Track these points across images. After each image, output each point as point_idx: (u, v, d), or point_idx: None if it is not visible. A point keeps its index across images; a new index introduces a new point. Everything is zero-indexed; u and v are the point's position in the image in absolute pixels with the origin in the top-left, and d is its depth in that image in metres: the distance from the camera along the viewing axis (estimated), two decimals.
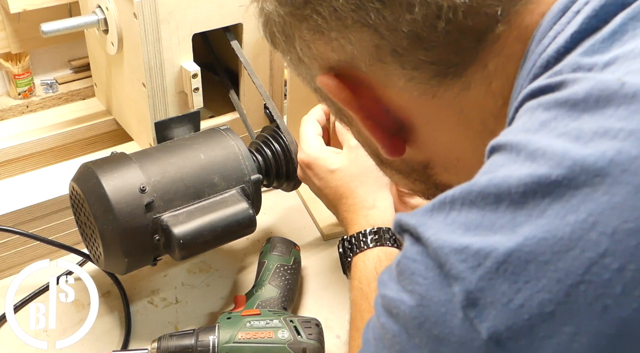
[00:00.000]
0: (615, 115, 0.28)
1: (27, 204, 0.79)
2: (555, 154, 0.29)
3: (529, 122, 0.32)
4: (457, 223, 0.31)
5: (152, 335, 0.73)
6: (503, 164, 0.31)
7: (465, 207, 0.31)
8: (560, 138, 0.29)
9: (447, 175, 0.44)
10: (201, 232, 0.68)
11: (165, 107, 0.86)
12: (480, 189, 0.31)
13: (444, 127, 0.41)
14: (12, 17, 0.96)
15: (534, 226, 0.29)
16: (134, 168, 0.68)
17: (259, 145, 0.80)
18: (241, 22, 0.87)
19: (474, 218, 0.31)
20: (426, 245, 0.32)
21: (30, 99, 1.03)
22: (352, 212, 0.68)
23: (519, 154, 0.31)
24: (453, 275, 0.30)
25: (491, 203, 0.30)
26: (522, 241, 0.29)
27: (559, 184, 0.28)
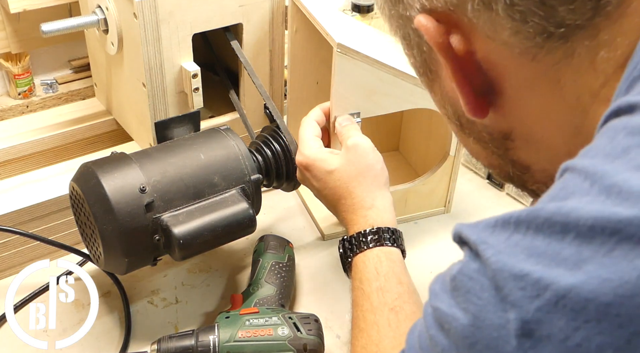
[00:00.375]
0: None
1: (27, 204, 0.79)
2: (630, 193, 0.28)
3: (610, 145, 0.31)
4: (520, 247, 0.31)
5: (152, 335, 0.73)
6: (574, 193, 0.30)
7: (531, 232, 0.31)
8: (638, 171, 0.29)
9: (526, 151, 0.43)
10: (201, 232, 0.68)
11: (165, 107, 0.86)
12: (548, 215, 0.30)
13: (536, 95, 0.39)
14: (12, 17, 0.96)
15: (599, 265, 0.28)
16: (134, 168, 0.68)
17: (259, 145, 0.80)
18: (241, 22, 0.87)
19: (539, 244, 0.30)
20: (485, 264, 0.32)
21: (30, 99, 1.03)
22: (351, 212, 0.68)
23: (592, 186, 0.30)
24: (510, 301, 0.30)
25: (557, 232, 0.30)
26: (585, 278, 0.28)
27: (630, 224, 0.27)
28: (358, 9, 1.18)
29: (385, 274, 0.62)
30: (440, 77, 0.44)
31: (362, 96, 0.78)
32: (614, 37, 0.34)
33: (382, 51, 0.81)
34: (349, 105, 0.78)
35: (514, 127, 0.42)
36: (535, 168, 0.43)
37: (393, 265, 0.64)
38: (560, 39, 0.35)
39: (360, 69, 0.75)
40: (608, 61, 0.35)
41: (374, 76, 0.77)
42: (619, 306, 0.27)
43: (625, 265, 0.27)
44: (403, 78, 0.78)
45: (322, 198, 0.73)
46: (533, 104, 0.39)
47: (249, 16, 0.87)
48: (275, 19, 0.90)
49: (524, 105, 0.40)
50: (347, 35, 0.76)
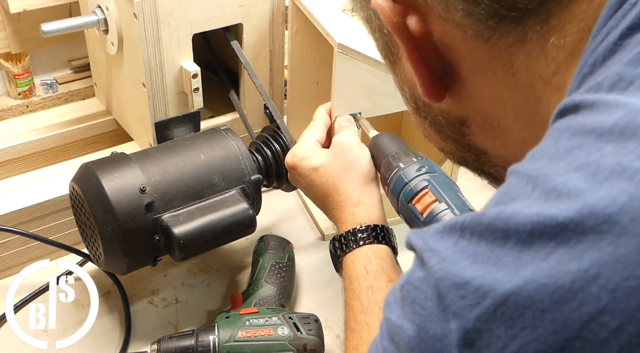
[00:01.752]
0: (636, 151, 0.27)
1: (27, 204, 0.79)
2: (568, 195, 0.28)
3: (554, 147, 0.31)
4: (464, 254, 0.31)
5: (152, 335, 0.73)
6: (517, 197, 0.30)
7: (475, 237, 0.31)
8: (577, 173, 0.28)
9: (482, 137, 0.43)
10: (201, 232, 0.68)
11: (165, 107, 0.86)
12: (490, 221, 0.30)
13: (491, 80, 0.39)
14: (12, 17, 0.96)
15: (536, 270, 0.28)
16: (134, 168, 0.68)
17: (259, 145, 0.80)
18: (241, 22, 0.87)
19: (482, 251, 0.30)
20: (429, 273, 0.31)
21: (30, 99, 1.03)
22: (339, 210, 0.68)
23: (534, 190, 0.30)
24: (452, 310, 0.30)
25: (499, 238, 0.30)
26: (522, 284, 0.28)
27: (566, 228, 0.27)
28: None
29: (374, 272, 0.62)
30: (400, 59, 0.44)
31: (362, 96, 0.78)
32: (564, 24, 0.34)
33: None
34: (350, 105, 0.78)
35: (470, 114, 0.42)
36: (492, 154, 0.43)
37: (382, 262, 0.63)
38: (512, 23, 0.35)
39: (361, 69, 0.75)
40: (558, 47, 0.35)
41: (374, 76, 0.77)
42: (553, 312, 0.27)
43: (559, 268, 0.27)
44: None
45: (311, 197, 0.73)
46: (488, 90, 0.39)
47: (249, 16, 0.87)
48: (275, 19, 0.90)
49: (479, 90, 0.40)
50: (347, 36, 0.76)
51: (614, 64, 0.31)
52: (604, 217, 0.26)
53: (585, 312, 0.26)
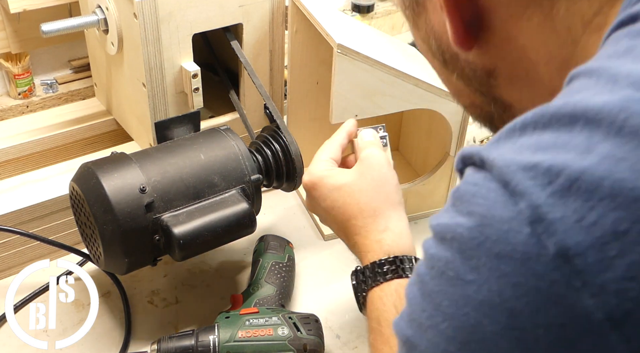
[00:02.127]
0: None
1: (27, 204, 0.79)
2: (636, 79, 0.27)
3: (612, 49, 0.30)
4: (526, 146, 0.30)
5: (152, 335, 0.73)
6: (581, 89, 0.30)
7: (538, 130, 0.30)
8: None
9: (509, 89, 0.42)
10: (201, 232, 0.68)
11: (165, 107, 0.86)
12: (555, 110, 0.29)
13: (525, 27, 0.38)
14: (12, 17, 0.96)
15: (612, 146, 0.27)
16: (134, 168, 0.68)
17: (259, 145, 0.80)
18: (241, 22, 0.87)
19: (547, 139, 0.29)
20: (490, 168, 0.30)
21: (30, 99, 1.03)
22: (363, 236, 0.60)
23: (599, 79, 0.29)
24: (519, 191, 0.29)
25: (566, 124, 0.29)
26: (598, 160, 0.27)
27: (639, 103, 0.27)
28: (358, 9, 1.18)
29: None
30: (427, 10, 0.43)
31: (362, 96, 0.78)
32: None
33: (382, 51, 0.81)
34: (350, 106, 0.78)
35: (498, 64, 0.42)
36: (518, 107, 0.43)
37: None
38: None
39: (361, 69, 0.75)
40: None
41: (374, 77, 0.77)
42: (634, 181, 0.26)
43: (638, 144, 0.27)
44: (403, 78, 0.78)
45: (330, 221, 0.65)
46: (521, 37, 0.39)
47: (249, 16, 0.87)
48: (275, 19, 0.90)
49: (511, 38, 0.39)
50: (347, 36, 0.76)
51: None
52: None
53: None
